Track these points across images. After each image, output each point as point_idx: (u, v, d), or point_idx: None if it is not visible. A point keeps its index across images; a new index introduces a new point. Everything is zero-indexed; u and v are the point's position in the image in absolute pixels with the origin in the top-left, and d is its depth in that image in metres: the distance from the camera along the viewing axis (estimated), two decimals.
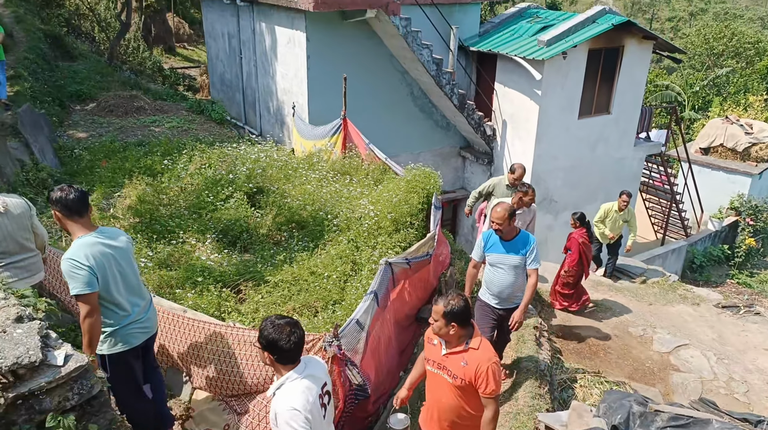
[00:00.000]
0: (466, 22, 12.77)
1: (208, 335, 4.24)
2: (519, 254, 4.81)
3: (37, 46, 13.44)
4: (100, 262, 3.36)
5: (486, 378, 3.23)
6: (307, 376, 2.83)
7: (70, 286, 3.26)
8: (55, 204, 3.41)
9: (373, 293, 4.42)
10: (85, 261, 3.29)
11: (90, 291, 3.27)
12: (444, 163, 13.28)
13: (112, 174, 8.66)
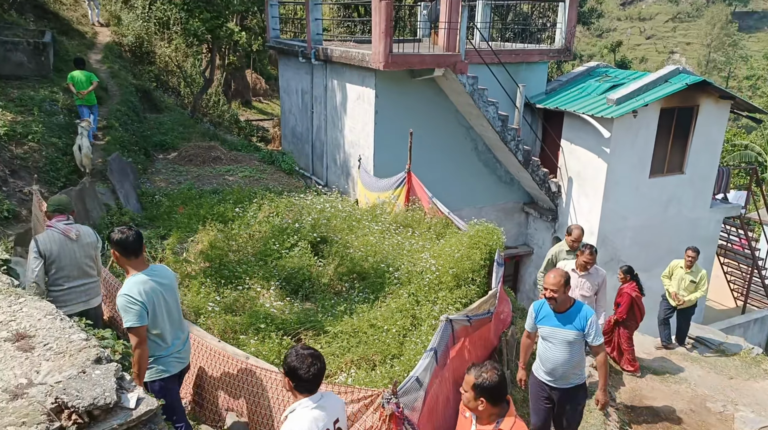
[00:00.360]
0: (532, 80, 12.88)
1: (268, 383, 4.30)
2: (574, 327, 4.37)
3: (129, 100, 14.60)
4: (150, 298, 3.64)
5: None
6: (319, 406, 2.91)
7: (124, 319, 3.55)
8: (114, 245, 3.70)
9: (433, 350, 4.37)
10: (138, 297, 3.57)
11: (141, 325, 3.56)
12: (507, 219, 13.15)
13: (188, 220, 9.10)
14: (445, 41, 10.57)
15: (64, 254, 4.62)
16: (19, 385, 2.36)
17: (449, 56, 10.53)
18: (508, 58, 12.29)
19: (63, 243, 4.63)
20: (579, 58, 50.22)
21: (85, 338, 2.68)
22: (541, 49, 13.08)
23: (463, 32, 10.56)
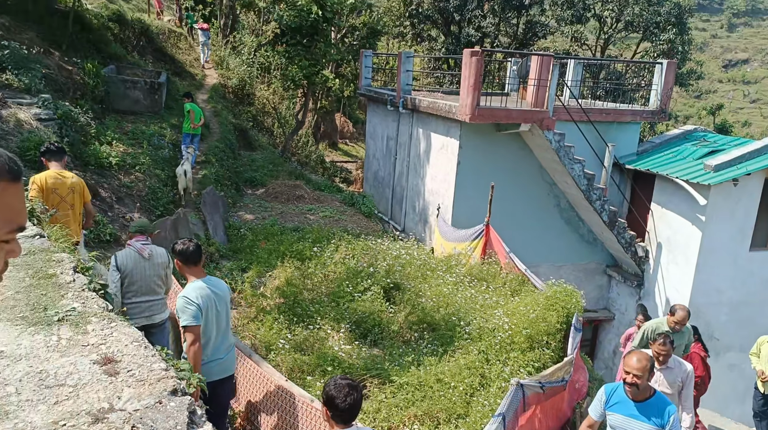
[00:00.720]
0: (623, 140, 12.49)
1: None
2: (651, 422, 3.89)
3: (227, 137, 15.59)
4: (204, 302, 4.03)
5: None
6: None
7: (181, 319, 3.96)
8: (176, 254, 4.15)
9: (501, 415, 4.21)
10: (195, 300, 3.98)
11: (195, 324, 3.94)
12: (587, 280, 12.60)
13: (268, 255, 9.44)
14: (533, 97, 10.54)
15: (136, 270, 5.08)
16: (101, 409, 2.50)
17: (537, 112, 10.48)
18: (599, 116, 12.04)
19: (137, 260, 5.09)
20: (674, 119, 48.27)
21: (164, 368, 2.82)
22: (633, 110, 12.72)
23: (553, 89, 10.50)
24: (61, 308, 3.37)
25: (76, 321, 3.24)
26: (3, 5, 11.84)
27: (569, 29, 25.30)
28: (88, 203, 5.88)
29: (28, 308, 3.34)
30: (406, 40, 32.03)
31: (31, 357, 2.83)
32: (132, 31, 18.61)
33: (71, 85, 11.43)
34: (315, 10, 15.30)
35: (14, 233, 0.95)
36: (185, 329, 3.95)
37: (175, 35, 22.30)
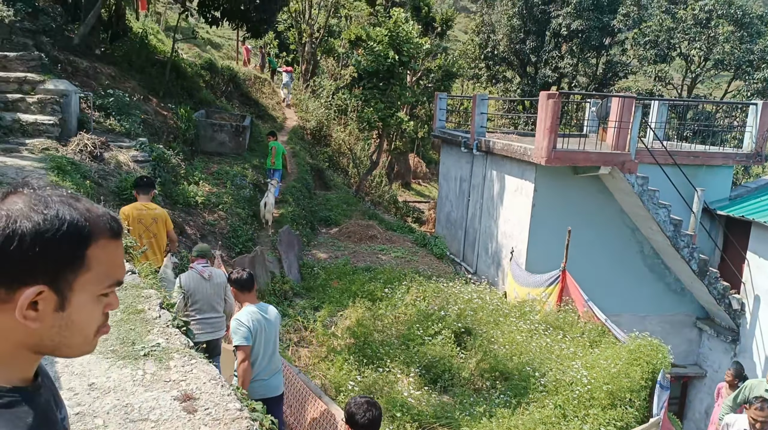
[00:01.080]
0: (713, 184, 11.79)
1: None
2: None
3: (304, 177, 16.15)
4: (255, 326, 4.40)
5: None
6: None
7: (234, 339, 4.35)
8: (232, 283, 4.66)
9: None
10: (247, 323, 4.36)
11: (246, 344, 4.32)
12: (674, 333, 11.77)
13: (340, 295, 9.55)
14: (614, 140, 10.24)
15: (198, 290, 5.55)
16: None
17: (618, 155, 10.14)
18: (686, 159, 11.47)
19: (199, 281, 5.57)
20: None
21: (239, 408, 2.89)
22: (725, 153, 12.04)
23: (635, 132, 10.16)
24: (147, 343, 3.55)
25: (160, 356, 3.40)
26: (111, 57, 13.06)
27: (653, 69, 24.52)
28: (171, 232, 6.34)
29: (118, 341, 3.54)
30: (481, 82, 32.23)
31: (118, 390, 2.99)
32: (221, 77, 19.93)
33: (165, 128, 12.32)
34: (391, 54, 15.77)
35: (113, 287, 1.02)
36: (237, 348, 4.32)
37: (259, 81, 23.64)
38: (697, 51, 22.70)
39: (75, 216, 0.96)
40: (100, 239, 0.99)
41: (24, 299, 0.92)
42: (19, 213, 0.93)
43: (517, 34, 27.54)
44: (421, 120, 27.46)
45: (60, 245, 0.94)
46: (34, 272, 0.93)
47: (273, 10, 15.20)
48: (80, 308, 0.99)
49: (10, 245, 0.90)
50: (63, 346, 0.99)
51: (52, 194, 0.98)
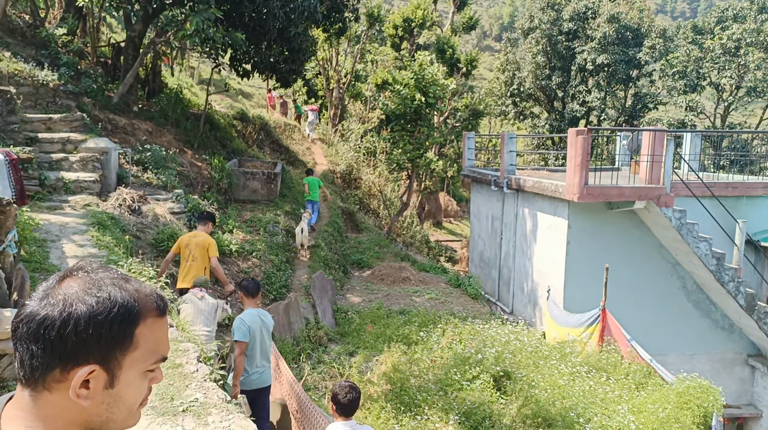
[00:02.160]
0: (755, 215, 11.42)
1: None
2: None
3: (335, 221, 16.29)
4: (254, 326, 5.16)
5: None
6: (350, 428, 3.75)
7: (234, 335, 5.08)
8: (241, 288, 5.49)
9: None
10: (248, 322, 5.12)
11: (244, 340, 5.05)
12: (725, 371, 11.22)
13: (375, 339, 9.45)
14: (647, 174, 10.08)
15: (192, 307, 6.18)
16: None
17: (652, 189, 9.96)
18: (724, 191, 11.18)
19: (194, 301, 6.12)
20: None
21: None
22: (765, 183, 11.69)
23: (669, 165, 9.98)
24: (186, 398, 3.57)
25: (198, 412, 3.41)
26: (148, 113, 13.63)
27: (683, 99, 24.27)
28: (213, 259, 6.94)
29: (158, 397, 3.57)
30: (509, 119, 32.37)
31: None
32: (253, 126, 20.52)
33: (200, 179, 12.68)
34: (418, 97, 16.02)
35: (159, 363, 1.06)
36: (236, 343, 5.06)
37: (289, 128, 24.25)
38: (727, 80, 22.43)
39: (125, 297, 1.02)
40: (148, 317, 1.04)
41: (77, 379, 0.97)
42: (75, 297, 0.98)
43: (543, 70, 27.74)
44: (450, 159, 27.60)
45: (111, 326, 0.99)
46: (87, 353, 0.97)
47: (301, 61, 15.72)
48: (128, 385, 1.03)
49: (67, 327, 0.96)
50: (110, 421, 1.04)
51: (104, 277, 1.03)
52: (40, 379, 0.98)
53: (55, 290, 1.00)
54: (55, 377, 0.97)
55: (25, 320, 0.98)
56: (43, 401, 0.99)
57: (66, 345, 0.96)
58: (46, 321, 0.96)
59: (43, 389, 0.98)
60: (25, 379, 0.99)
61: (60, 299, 0.98)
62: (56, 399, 0.99)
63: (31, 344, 0.97)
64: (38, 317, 0.97)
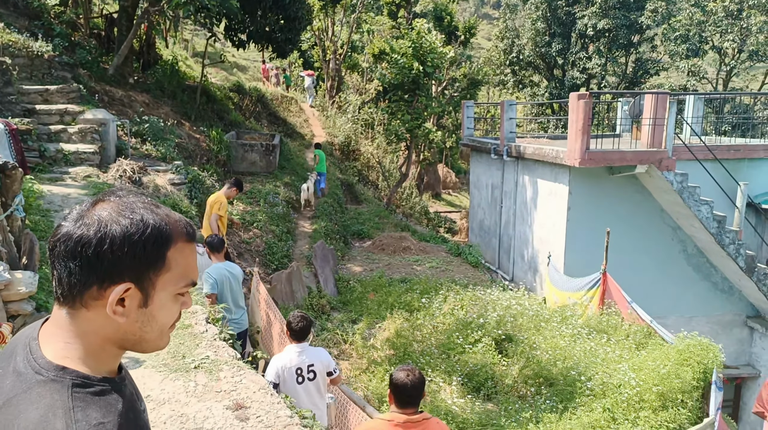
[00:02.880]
0: (757, 178, 11.42)
1: None
2: None
3: (335, 193, 16.28)
4: (221, 279, 5.55)
5: None
6: (300, 350, 4.20)
7: (204, 289, 5.42)
8: (207, 244, 5.88)
9: None
10: (214, 275, 5.51)
11: (212, 292, 5.44)
12: (724, 333, 11.37)
13: (377, 307, 9.55)
14: (649, 138, 10.04)
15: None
16: None
17: (654, 153, 9.94)
18: (726, 154, 11.16)
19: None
20: None
21: (289, 415, 2.92)
22: (767, 145, 11.66)
23: (671, 128, 9.94)
24: (197, 356, 3.62)
25: (210, 368, 3.46)
26: (144, 85, 13.49)
27: (685, 64, 24.01)
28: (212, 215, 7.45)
29: (170, 355, 3.62)
30: (508, 88, 32.08)
31: (173, 401, 3.05)
32: (249, 98, 20.34)
33: (199, 151, 12.62)
34: (416, 66, 15.85)
35: (188, 287, 1.08)
36: (206, 296, 5.40)
37: (287, 100, 24.04)
38: (730, 43, 22.17)
39: (157, 220, 1.05)
40: (179, 241, 1.07)
41: (114, 295, 1.01)
42: (109, 218, 1.02)
43: (542, 37, 27.38)
44: (448, 130, 27.43)
45: (145, 246, 1.02)
46: (122, 272, 1.01)
47: (297, 30, 15.50)
48: (161, 306, 1.07)
49: (103, 246, 0.99)
50: (143, 341, 1.08)
51: (136, 201, 1.06)
52: (78, 296, 1.01)
53: (89, 212, 1.03)
54: (93, 295, 1.01)
55: (62, 239, 1.01)
56: (81, 318, 1.03)
57: (102, 263, 0.99)
58: (83, 240, 0.99)
59: (81, 306, 1.02)
60: (63, 297, 1.03)
61: (95, 220, 1.01)
62: (94, 316, 1.02)
63: (69, 261, 1.00)
64: (75, 236, 1.00)
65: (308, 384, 4.17)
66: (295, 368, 4.11)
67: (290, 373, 4.10)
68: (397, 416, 2.98)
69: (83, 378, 0.99)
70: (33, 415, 0.93)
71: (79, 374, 0.99)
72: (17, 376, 1.00)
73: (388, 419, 2.99)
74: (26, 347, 1.04)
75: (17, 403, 0.95)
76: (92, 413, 0.95)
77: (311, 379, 4.19)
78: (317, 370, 4.22)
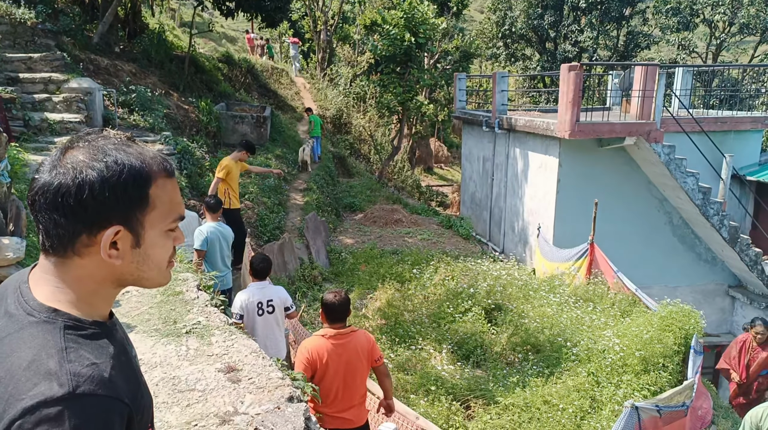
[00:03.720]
0: (742, 150, 11.55)
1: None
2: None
3: (327, 166, 16.25)
4: (211, 237, 5.83)
5: None
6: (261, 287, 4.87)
7: (195, 244, 5.74)
8: (205, 205, 6.17)
9: None
10: (205, 233, 5.78)
11: (202, 248, 5.74)
12: (706, 302, 11.61)
13: (369, 277, 9.64)
14: (638, 109, 10.07)
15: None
16: (227, 412, 2.70)
17: (643, 125, 9.99)
18: (713, 126, 11.24)
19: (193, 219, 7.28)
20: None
21: (281, 377, 2.99)
22: (754, 117, 11.75)
23: (660, 100, 9.97)
24: (189, 321, 3.67)
25: (202, 333, 3.52)
26: (131, 54, 13.27)
27: (675, 37, 23.92)
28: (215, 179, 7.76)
29: (160, 321, 3.67)
30: (500, 61, 31.84)
31: (164, 364, 3.11)
32: (239, 70, 20.07)
33: (188, 122, 12.51)
34: (408, 37, 15.68)
35: (177, 222, 1.11)
36: (196, 251, 5.73)
37: (277, 71, 23.76)
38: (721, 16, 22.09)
39: (132, 160, 1.03)
40: (158, 178, 1.07)
41: (106, 239, 1.01)
42: (83, 164, 1.00)
43: (535, 9, 27.11)
44: (440, 104, 27.26)
45: (125, 187, 1.01)
46: (108, 216, 1.01)
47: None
48: (153, 244, 1.08)
49: (83, 193, 0.98)
50: (142, 279, 1.10)
51: (106, 143, 1.04)
52: (69, 245, 1.01)
53: (62, 161, 1.01)
54: (84, 242, 1.01)
55: (41, 191, 0.99)
56: (73, 266, 1.03)
57: (86, 210, 0.98)
58: (62, 189, 0.98)
59: (73, 254, 1.02)
60: (53, 248, 1.02)
61: (69, 167, 0.99)
62: (87, 262, 1.03)
63: (52, 213, 0.99)
64: (53, 187, 0.98)
65: (267, 316, 4.79)
66: (256, 302, 4.76)
67: (252, 306, 4.75)
68: (328, 330, 3.71)
69: (75, 321, 1.00)
70: (26, 354, 0.93)
71: (71, 316, 1.00)
72: (9, 317, 1.01)
73: (322, 334, 3.72)
74: (17, 290, 1.04)
75: (9, 342, 0.96)
76: (85, 354, 0.95)
77: (270, 312, 4.79)
78: (276, 304, 4.83)
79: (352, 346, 3.68)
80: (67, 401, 0.89)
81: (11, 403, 0.89)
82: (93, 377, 0.93)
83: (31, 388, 0.89)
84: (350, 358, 3.66)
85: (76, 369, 0.92)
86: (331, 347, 3.63)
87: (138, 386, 1.07)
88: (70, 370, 0.92)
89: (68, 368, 0.92)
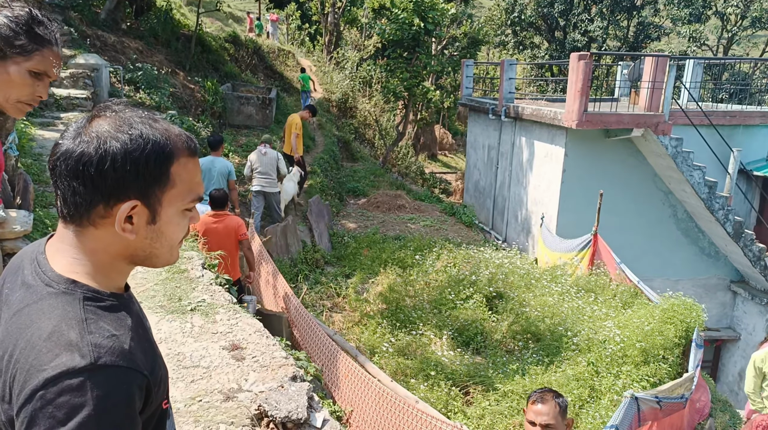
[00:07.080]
0: (750, 145, 11.48)
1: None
2: None
3: (331, 149, 16.19)
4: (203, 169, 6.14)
5: None
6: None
7: None
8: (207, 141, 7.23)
9: (614, 427, 4.02)
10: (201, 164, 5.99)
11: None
12: (708, 296, 11.63)
13: (371, 262, 9.65)
14: (647, 101, 10.00)
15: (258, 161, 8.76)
16: (231, 389, 2.72)
17: (651, 116, 9.92)
18: (722, 120, 11.16)
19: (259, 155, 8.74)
20: None
21: (285, 356, 3.01)
22: (763, 112, 11.65)
23: (669, 92, 9.89)
24: (193, 299, 3.69)
25: (206, 311, 3.53)
26: (137, 31, 13.19)
27: (687, 29, 23.67)
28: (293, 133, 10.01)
29: (166, 298, 3.69)
30: (508, 49, 31.59)
31: (169, 341, 3.13)
32: (246, 50, 19.94)
33: (193, 101, 12.46)
34: (416, 22, 15.54)
35: (195, 202, 1.09)
36: None
37: (283, 53, 23.60)
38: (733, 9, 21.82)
39: (157, 135, 1.02)
40: (181, 157, 1.05)
41: (121, 213, 1.00)
42: (108, 134, 0.98)
43: None
44: (446, 90, 27.09)
45: (147, 162, 1.00)
46: (127, 189, 0.99)
47: None
48: (169, 221, 1.06)
49: (104, 164, 0.97)
50: (153, 256, 1.08)
51: (133, 115, 1.03)
52: (84, 215, 1.00)
53: (86, 129, 1.00)
54: (100, 213, 1.00)
55: (63, 158, 0.98)
56: (89, 236, 1.02)
57: (106, 181, 0.97)
58: (84, 157, 0.97)
59: (88, 224, 1.01)
60: (70, 216, 1.01)
61: (93, 136, 0.98)
62: (102, 234, 1.02)
63: (72, 180, 0.98)
64: (75, 154, 0.97)
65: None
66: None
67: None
68: (209, 211, 5.49)
69: (94, 292, 1.00)
70: (46, 325, 0.93)
71: (90, 288, 1.00)
72: (27, 288, 1.00)
73: (207, 214, 5.43)
74: (33, 261, 1.04)
75: (28, 313, 0.96)
76: (105, 326, 0.95)
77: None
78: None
79: (224, 224, 5.43)
80: (89, 372, 0.89)
81: (32, 373, 0.89)
82: (114, 349, 0.93)
83: (52, 359, 0.89)
84: (222, 231, 5.41)
85: (97, 340, 0.92)
86: (210, 221, 5.41)
87: (155, 358, 1.07)
88: (91, 341, 0.92)
89: (89, 340, 0.92)
